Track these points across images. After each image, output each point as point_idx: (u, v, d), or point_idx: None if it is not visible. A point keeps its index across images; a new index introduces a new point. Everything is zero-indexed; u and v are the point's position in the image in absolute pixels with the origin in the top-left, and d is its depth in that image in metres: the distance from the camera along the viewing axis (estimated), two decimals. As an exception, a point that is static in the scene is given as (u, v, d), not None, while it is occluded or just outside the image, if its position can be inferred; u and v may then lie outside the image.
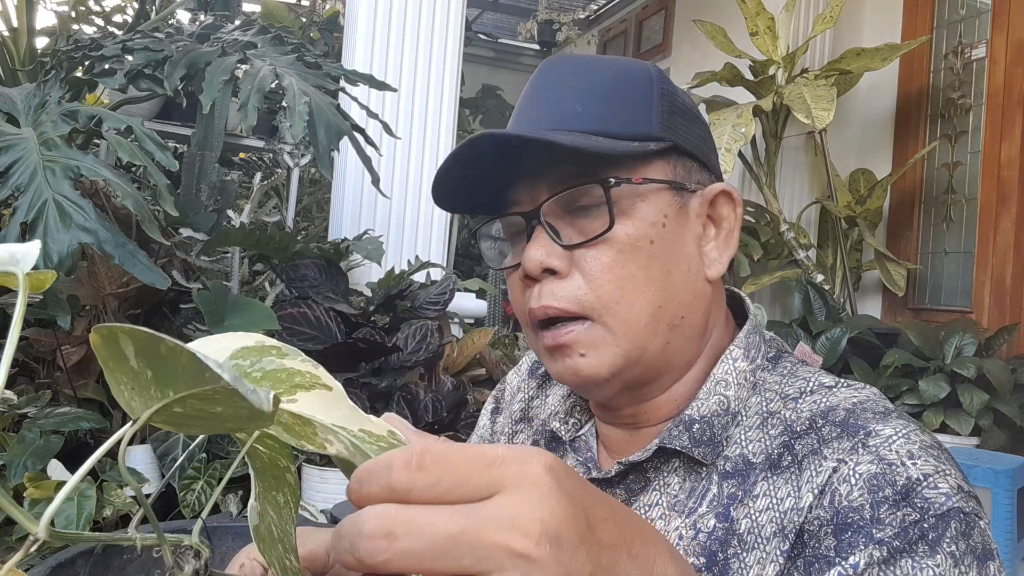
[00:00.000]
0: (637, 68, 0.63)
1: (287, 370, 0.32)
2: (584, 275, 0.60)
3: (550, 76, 0.64)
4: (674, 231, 0.61)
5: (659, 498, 0.62)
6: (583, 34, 6.31)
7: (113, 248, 1.46)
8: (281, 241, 2.09)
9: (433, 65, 2.73)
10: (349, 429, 0.32)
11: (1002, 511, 2.07)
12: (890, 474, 0.52)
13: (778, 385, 0.63)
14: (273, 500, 0.40)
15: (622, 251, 0.59)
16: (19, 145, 1.54)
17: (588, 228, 0.60)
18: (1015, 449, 2.70)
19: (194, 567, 0.35)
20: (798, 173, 3.87)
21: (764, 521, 0.56)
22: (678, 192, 0.62)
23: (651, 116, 0.61)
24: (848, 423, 0.56)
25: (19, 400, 1.66)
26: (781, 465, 0.57)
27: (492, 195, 0.65)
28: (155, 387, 0.28)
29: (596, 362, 0.60)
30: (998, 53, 3.30)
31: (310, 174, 3.69)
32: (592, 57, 0.66)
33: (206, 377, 0.26)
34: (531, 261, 0.60)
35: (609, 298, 0.59)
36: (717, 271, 0.64)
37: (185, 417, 0.29)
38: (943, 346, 2.88)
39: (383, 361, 2.03)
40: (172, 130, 2.91)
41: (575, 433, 0.72)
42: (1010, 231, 3.18)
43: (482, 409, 0.86)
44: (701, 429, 0.61)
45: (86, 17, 3.00)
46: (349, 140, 1.84)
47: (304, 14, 4.23)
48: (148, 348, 0.26)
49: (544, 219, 0.61)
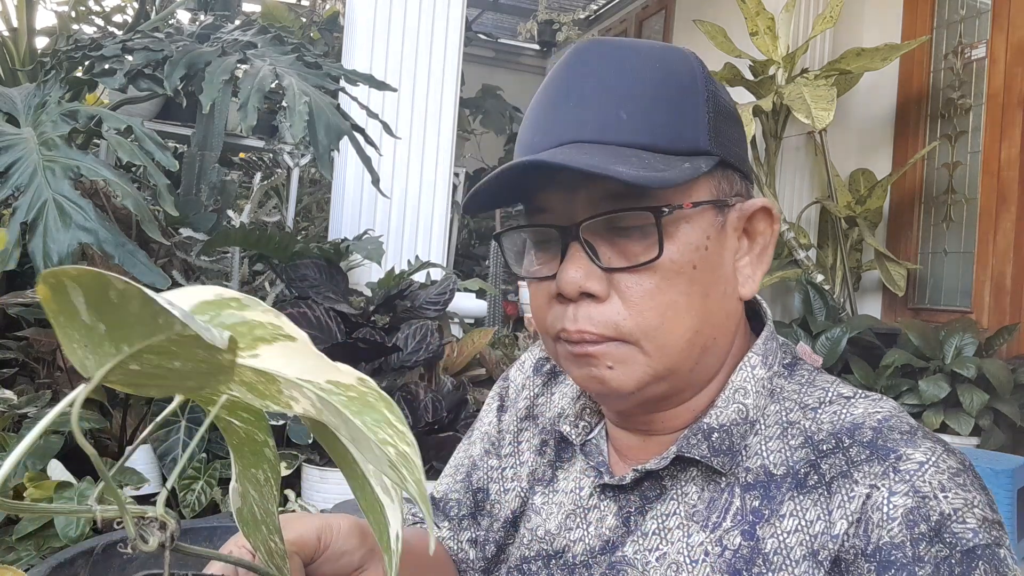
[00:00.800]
0: (682, 65, 0.59)
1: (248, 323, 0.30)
2: (624, 301, 0.57)
3: (587, 68, 0.58)
4: (715, 251, 0.59)
5: (677, 507, 0.61)
6: (583, 34, 6.31)
7: (113, 248, 1.46)
8: (281, 241, 2.09)
9: (433, 65, 2.73)
10: (315, 381, 0.30)
11: (1002, 511, 2.06)
12: (924, 508, 0.52)
13: (796, 394, 0.62)
14: (253, 478, 0.38)
15: (666, 277, 0.57)
16: (19, 145, 1.54)
17: (631, 251, 0.57)
18: (1015, 449, 2.70)
19: (159, 539, 0.33)
20: (798, 173, 3.87)
21: (793, 543, 0.55)
22: (721, 209, 0.59)
23: (700, 126, 0.57)
24: (876, 444, 0.56)
25: (19, 400, 1.66)
26: (808, 484, 0.56)
27: (516, 192, 0.61)
28: (109, 342, 0.26)
29: (624, 376, 0.59)
30: (998, 53, 3.30)
31: (310, 174, 3.69)
32: (632, 45, 0.59)
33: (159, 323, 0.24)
34: (569, 284, 0.57)
35: (649, 325, 0.57)
36: (750, 290, 0.62)
37: (142, 376, 0.27)
38: (943, 346, 2.88)
39: (383, 361, 2.03)
40: (172, 130, 2.91)
41: (585, 437, 0.70)
42: (1010, 231, 3.18)
43: (484, 406, 0.85)
44: (720, 438, 0.60)
45: (86, 17, 3.00)
46: (349, 140, 1.84)
47: (304, 14, 4.23)
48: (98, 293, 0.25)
49: (583, 237, 0.57)
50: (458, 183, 4.14)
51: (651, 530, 0.61)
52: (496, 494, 0.77)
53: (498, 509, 0.76)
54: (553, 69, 0.61)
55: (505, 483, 0.77)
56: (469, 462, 0.82)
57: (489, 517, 0.77)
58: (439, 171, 2.74)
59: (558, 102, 0.59)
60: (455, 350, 2.33)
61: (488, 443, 0.81)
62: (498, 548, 0.75)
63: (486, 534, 0.77)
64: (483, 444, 0.81)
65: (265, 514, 0.39)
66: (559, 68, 0.60)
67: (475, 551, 0.78)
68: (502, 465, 0.78)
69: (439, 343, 2.09)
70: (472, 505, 0.80)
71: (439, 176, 2.74)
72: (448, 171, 2.76)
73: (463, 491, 0.80)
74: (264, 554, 0.41)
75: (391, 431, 0.29)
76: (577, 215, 0.58)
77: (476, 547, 0.78)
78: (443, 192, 2.76)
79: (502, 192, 0.60)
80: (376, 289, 2.27)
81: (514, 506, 0.74)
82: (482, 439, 0.82)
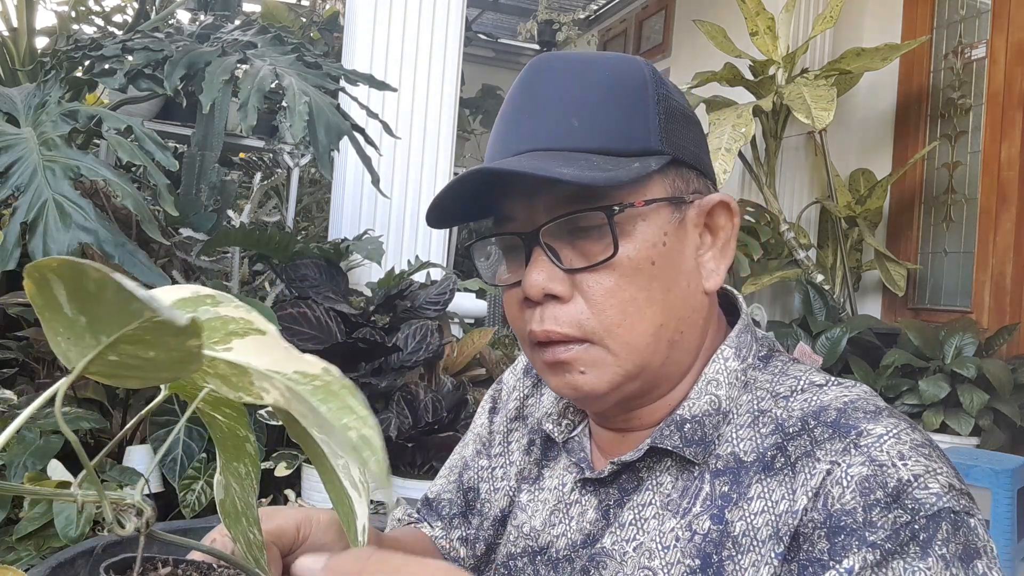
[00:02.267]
0: (632, 71, 0.61)
1: (221, 318, 0.32)
2: (587, 300, 0.59)
3: (541, 81, 0.61)
4: (674, 247, 0.61)
5: (652, 497, 0.62)
6: (583, 34, 6.31)
7: (113, 248, 1.46)
8: (281, 241, 2.09)
9: (433, 65, 2.73)
10: (283, 372, 0.31)
11: (1002, 511, 2.07)
12: (881, 476, 0.52)
13: (769, 384, 0.63)
14: (235, 471, 0.40)
15: (624, 274, 0.59)
16: (19, 145, 1.54)
17: (590, 251, 0.59)
18: (1015, 449, 2.70)
19: (135, 525, 0.34)
20: (798, 173, 3.87)
21: (760, 524, 0.56)
22: (677, 206, 0.61)
23: (650, 127, 0.60)
24: (839, 423, 0.56)
25: (19, 400, 1.66)
26: (774, 467, 0.57)
27: (484, 205, 0.64)
28: (89, 334, 0.28)
29: (596, 379, 0.60)
30: (998, 53, 3.30)
31: (310, 174, 3.69)
32: (583, 56, 0.63)
33: (131, 310, 0.26)
34: (533, 286, 0.59)
35: (612, 322, 0.59)
36: (715, 283, 0.63)
37: (120, 366, 0.29)
38: (943, 346, 2.88)
39: (383, 361, 2.03)
40: (172, 130, 2.91)
41: (568, 435, 0.72)
42: (1010, 231, 3.18)
43: (479, 408, 0.86)
44: (692, 429, 0.61)
45: (86, 17, 3.00)
46: (349, 140, 1.84)
47: (304, 14, 4.23)
48: (76, 284, 0.26)
49: (544, 241, 0.60)
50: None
51: (628, 521, 0.63)
52: (486, 493, 0.79)
53: (488, 508, 0.78)
54: (515, 82, 0.64)
55: (495, 483, 0.78)
56: (461, 463, 0.84)
57: (479, 516, 0.79)
58: (439, 171, 2.74)
59: (516, 115, 0.62)
60: (455, 350, 2.33)
61: (479, 444, 0.83)
62: (487, 546, 0.77)
63: (476, 532, 0.79)
64: (475, 445, 0.83)
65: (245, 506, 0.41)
66: (517, 83, 0.63)
67: (466, 549, 0.80)
68: (492, 465, 0.80)
69: (439, 343, 2.09)
70: (463, 504, 0.81)
71: (439, 176, 2.74)
72: (448, 171, 2.76)
73: (455, 491, 0.82)
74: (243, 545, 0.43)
75: (353, 417, 0.31)
76: (538, 220, 0.60)
77: (467, 545, 0.80)
78: (443, 192, 2.76)
79: (470, 205, 0.63)
80: (376, 289, 2.27)
81: (502, 505, 0.76)
82: (474, 440, 0.84)
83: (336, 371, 0.32)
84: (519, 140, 0.60)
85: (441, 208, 0.62)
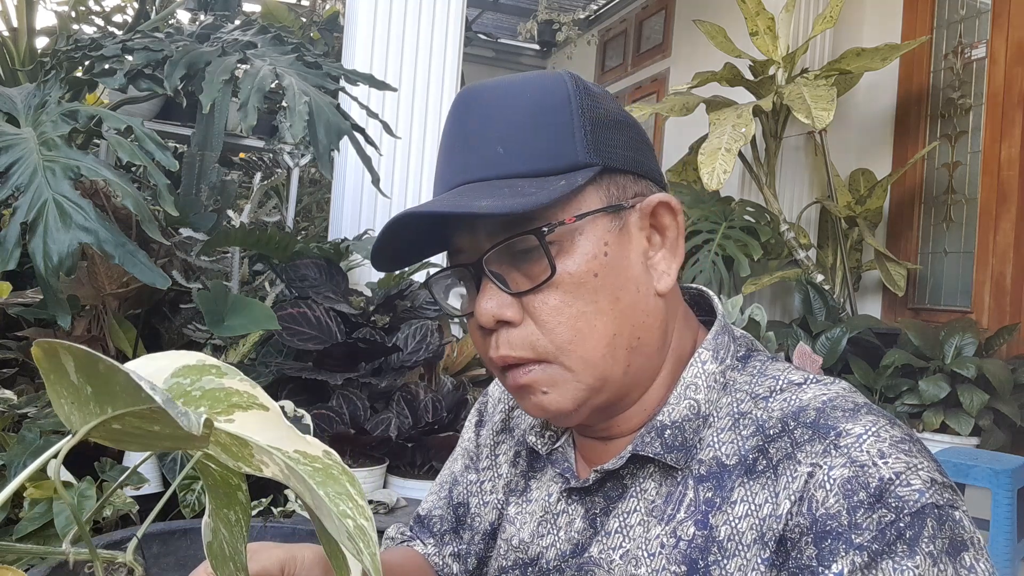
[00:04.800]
0: (553, 88, 0.61)
1: (225, 389, 0.33)
2: (536, 321, 0.60)
3: (468, 113, 0.62)
4: (617, 255, 0.60)
5: (637, 504, 0.62)
6: (583, 34, 6.31)
7: (113, 248, 1.46)
8: (281, 241, 2.09)
9: (433, 65, 2.73)
10: (284, 450, 0.32)
11: (1002, 511, 2.07)
12: (863, 476, 0.52)
13: (748, 385, 0.63)
14: (225, 518, 0.40)
15: (568, 291, 0.59)
16: (19, 145, 1.54)
17: (532, 273, 0.60)
18: (1015, 449, 2.70)
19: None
20: (798, 173, 3.87)
21: (744, 528, 0.56)
22: (615, 214, 0.61)
23: (575, 142, 0.59)
24: (818, 424, 0.56)
25: (19, 400, 1.66)
26: (756, 470, 0.57)
27: (439, 242, 0.65)
28: (94, 402, 0.28)
29: (560, 398, 0.61)
30: (998, 53, 3.30)
31: (310, 174, 3.69)
32: (506, 83, 0.62)
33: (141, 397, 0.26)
34: (484, 314, 0.60)
35: (563, 340, 0.59)
36: (667, 284, 0.63)
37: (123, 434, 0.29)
38: (943, 346, 2.88)
39: (383, 361, 2.03)
40: (172, 130, 2.91)
41: (551, 446, 0.72)
42: (1010, 231, 3.18)
43: (466, 422, 0.86)
44: (673, 434, 0.61)
45: (86, 17, 3.00)
46: (349, 140, 1.84)
47: (304, 14, 4.23)
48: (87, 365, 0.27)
49: (488, 269, 0.60)
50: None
51: (614, 529, 0.63)
52: (476, 507, 0.79)
53: (478, 522, 0.78)
54: (447, 116, 0.65)
55: (484, 496, 0.79)
56: (451, 478, 0.84)
57: (470, 531, 0.79)
58: (439, 171, 2.74)
59: (448, 150, 0.63)
60: (455, 350, 2.33)
61: (468, 459, 0.83)
62: (479, 560, 0.77)
63: (467, 547, 0.78)
64: (463, 460, 0.83)
65: (233, 551, 0.41)
66: (448, 118, 0.64)
67: (458, 565, 0.80)
68: (480, 479, 0.80)
69: (439, 343, 2.09)
70: (454, 520, 0.82)
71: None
72: (448, 171, 2.76)
73: (445, 507, 0.82)
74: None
75: (351, 504, 0.31)
76: (482, 249, 0.61)
77: (459, 560, 0.80)
78: (443, 192, 2.76)
79: (423, 244, 0.65)
80: (376, 289, 2.27)
81: (492, 518, 0.76)
82: (463, 455, 0.84)
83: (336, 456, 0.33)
84: (452, 175, 0.61)
85: (383, 255, 0.63)
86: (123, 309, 1.93)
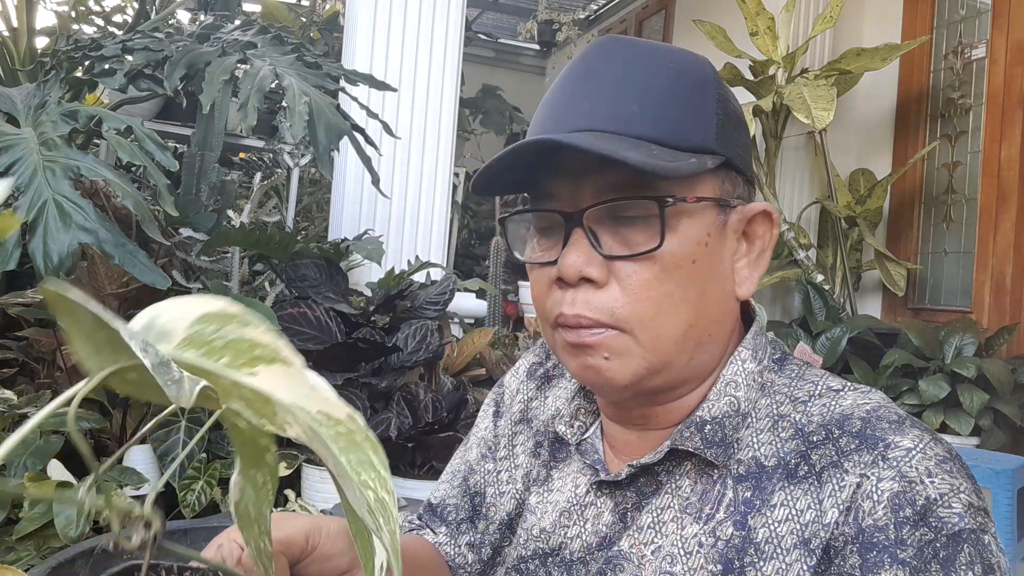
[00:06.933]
0: (698, 67, 0.61)
1: (248, 340, 0.31)
2: (623, 288, 0.58)
3: (605, 62, 0.60)
4: (714, 250, 0.60)
5: (671, 501, 0.62)
6: (583, 34, 6.31)
7: (113, 248, 1.46)
8: (281, 241, 2.09)
9: (433, 65, 2.73)
10: (307, 410, 0.30)
11: (1002, 511, 2.07)
12: (911, 493, 0.53)
13: (787, 388, 0.63)
14: (252, 479, 0.39)
15: (665, 269, 0.58)
16: (19, 145, 1.54)
17: (632, 240, 0.58)
18: (1015, 449, 2.70)
19: (143, 537, 0.34)
20: (798, 173, 3.87)
21: (784, 532, 0.56)
22: (723, 209, 0.61)
23: (709, 126, 0.59)
24: (865, 434, 0.56)
25: (19, 400, 1.66)
26: (798, 475, 0.57)
27: (527, 179, 0.62)
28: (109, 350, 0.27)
29: (620, 367, 0.59)
30: (998, 53, 3.30)
31: (310, 174, 3.69)
32: (650, 44, 0.62)
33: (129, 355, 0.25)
34: (570, 268, 0.58)
35: (644, 314, 0.58)
36: (747, 291, 0.63)
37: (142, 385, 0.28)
38: (943, 346, 2.88)
39: (383, 361, 2.03)
40: (172, 130, 2.91)
41: (580, 436, 0.71)
42: (1010, 231, 3.18)
43: (480, 412, 0.86)
44: (713, 430, 0.61)
45: (86, 17, 3.00)
46: (349, 140, 1.84)
47: (304, 14, 4.23)
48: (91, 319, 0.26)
49: (587, 224, 0.58)
50: (458, 183, 4.14)
51: (646, 524, 0.62)
52: (492, 497, 0.78)
53: (494, 512, 0.77)
54: (573, 60, 0.62)
55: (500, 486, 0.78)
56: (466, 467, 0.83)
57: (485, 520, 0.78)
58: (439, 171, 2.74)
59: (575, 92, 0.60)
60: (455, 350, 2.33)
61: (484, 448, 0.82)
62: (494, 550, 0.76)
63: (482, 537, 0.78)
64: (479, 449, 0.82)
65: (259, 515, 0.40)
66: (578, 60, 0.62)
67: (472, 554, 0.79)
68: (497, 468, 0.79)
69: (439, 343, 2.09)
70: (469, 509, 0.81)
71: (439, 176, 2.74)
72: (448, 171, 2.76)
73: (460, 496, 0.81)
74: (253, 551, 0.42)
75: (373, 475, 0.30)
76: (582, 202, 0.59)
77: (473, 550, 0.79)
78: (443, 192, 2.76)
79: (511, 176, 0.61)
80: (376, 289, 2.27)
81: (509, 508, 0.75)
82: (478, 444, 0.83)
83: (361, 420, 0.31)
84: (578, 117, 0.58)
85: (490, 174, 0.60)
86: (123, 309, 1.93)
